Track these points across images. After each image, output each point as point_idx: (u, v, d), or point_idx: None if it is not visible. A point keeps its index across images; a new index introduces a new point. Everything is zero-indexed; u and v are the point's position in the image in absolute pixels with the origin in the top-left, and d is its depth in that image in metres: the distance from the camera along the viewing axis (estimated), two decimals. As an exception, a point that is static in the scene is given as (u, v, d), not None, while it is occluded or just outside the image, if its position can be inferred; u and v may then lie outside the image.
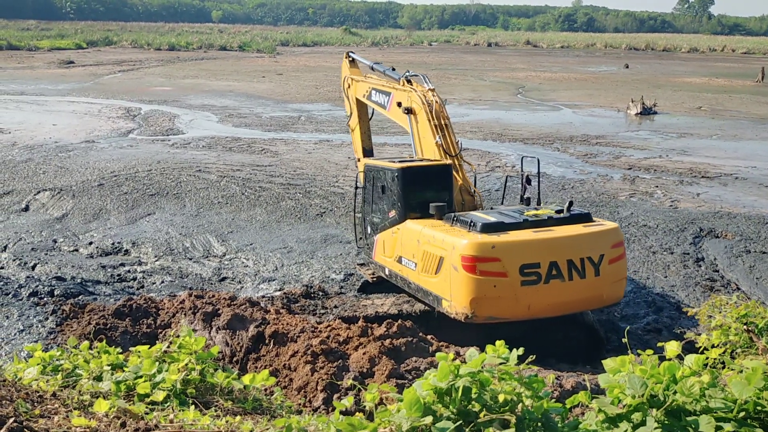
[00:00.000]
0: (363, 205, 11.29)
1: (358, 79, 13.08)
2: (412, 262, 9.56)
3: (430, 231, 9.18)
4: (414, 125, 11.09)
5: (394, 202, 10.21)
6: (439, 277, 8.91)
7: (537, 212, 9.37)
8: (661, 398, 3.16)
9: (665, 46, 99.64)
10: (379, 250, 10.68)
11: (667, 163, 22.41)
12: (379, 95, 12.15)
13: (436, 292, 9.02)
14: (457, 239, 8.62)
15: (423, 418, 3.02)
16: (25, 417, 3.18)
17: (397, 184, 10.05)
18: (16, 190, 17.93)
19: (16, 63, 57.83)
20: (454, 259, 8.53)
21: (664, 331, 10.47)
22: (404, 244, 9.80)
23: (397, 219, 10.12)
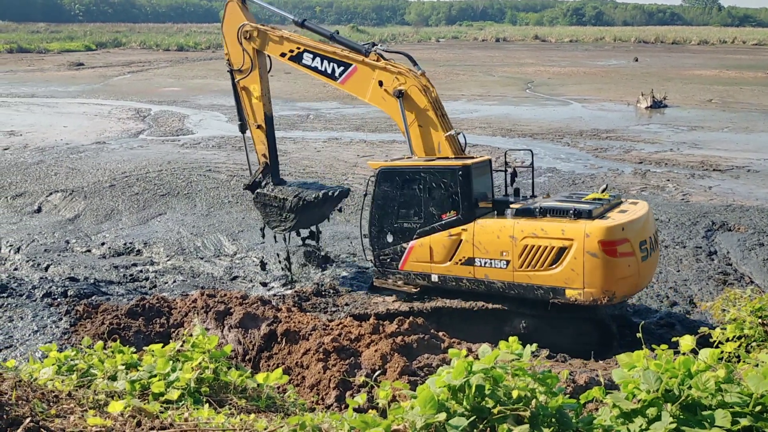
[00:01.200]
0: (376, 214, 10.33)
1: (277, 34, 11.46)
2: (500, 261, 9.32)
3: (533, 224, 9.13)
4: (408, 112, 10.29)
5: (453, 202, 9.66)
6: (559, 267, 8.93)
7: (595, 196, 9.85)
8: (676, 393, 3.14)
9: (675, 38, 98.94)
10: (417, 257, 9.99)
11: (678, 157, 22.27)
12: (324, 62, 10.93)
13: (554, 284, 9.00)
14: (587, 226, 8.78)
15: (437, 414, 3.02)
16: (42, 417, 3.20)
17: (462, 182, 9.58)
18: (28, 192, 18.06)
19: (26, 65, 58.20)
20: (590, 246, 8.71)
21: (678, 325, 10.43)
22: (483, 243, 9.41)
23: (462, 219, 9.61)
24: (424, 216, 9.92)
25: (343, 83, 10.85)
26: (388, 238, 10.26)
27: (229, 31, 11.93)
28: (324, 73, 11.04)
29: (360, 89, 10.79)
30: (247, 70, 11.75)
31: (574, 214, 8.99)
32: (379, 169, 10.29)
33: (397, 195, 10.12)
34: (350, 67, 10.73)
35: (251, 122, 12.11)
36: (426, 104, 10.26)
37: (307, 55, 11.09)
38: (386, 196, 10.19)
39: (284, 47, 11.35)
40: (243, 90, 11.94)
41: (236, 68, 11.86)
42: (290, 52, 11.29)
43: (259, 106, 11.89)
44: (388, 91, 10.43)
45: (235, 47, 11.83)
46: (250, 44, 11.68)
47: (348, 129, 27.73)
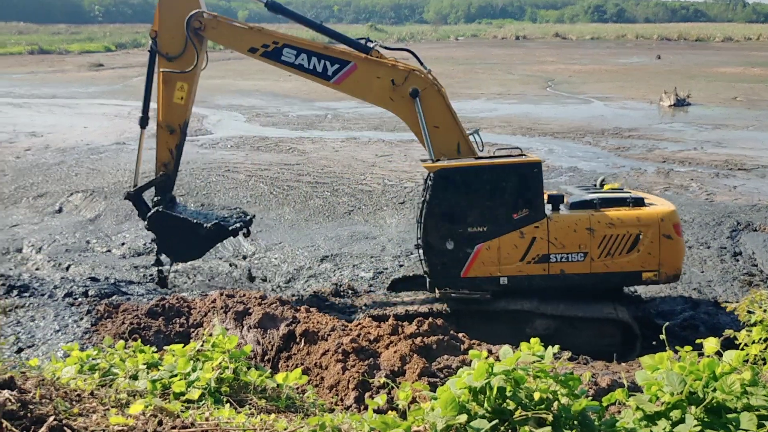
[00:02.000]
0: (436, 220, 9.55)
1: (249, 26, 9.99)
2: (578, 254, 9.46)
3: (607, 214, 9.58)
4: (422, 112, 9.60)
5: (527, 200, 9.45)
6: (636, 253, 9.48)
7: (610, 186, 10.61)
8: (701, 395, 3.10)
9: (698, 35, 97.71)
10: (484, 261, 9.56)
11: (702, 156, 22.00)
12: (312, 59, 9.54)
13: (631, 269, 9.51)
14: (660, 211, 9.62)
15: (457, 416, 3.00)
16: (65, 415, 3.23)
17: (537, 177, 9.41)
18: (49, 192, 18.28)
19: (47, 67, 58.96)
20: (666, 229, 9.47)
21: (702, 327, 10.29)
22: (560, 238, 9.43)
23: (535, 216, 9.43)
24: (491, 217, 9.47)
25: (339, 83, 9.61)
26: (449, 245, 9.55)
27: (171, 10, 9.79)
28: (312, 72, 9.60)
29: (361, 90, 9.77)
30: (183, 62, 9.81)
31: (632, 202, 9.67)
32: (436, 171, 9.42)
33: (459, 198, 9.48)
34: (347, 65, 9.55)
35: (162, 122, 10.22)
36: (442, 104, 9.85)
37: (289, 51, 9.53)
38: (446, 199, 9.49)
39: (255, 40, 9.64)
40: (164, 82, 9.99)
41: (165, 53, 9.83)
42: (263, 47, 9.56)
43: (181, 109, 10.11)
44: (400, 92, 9.61)
45: (176, 31, 9.75)
46: (208, 34, 9.84)
47: (366, 128, 27.74)
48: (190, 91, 10.04)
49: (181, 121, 10.28)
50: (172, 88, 9.99)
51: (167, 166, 10.59)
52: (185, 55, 9.80)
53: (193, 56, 9.81)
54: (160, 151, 10.64)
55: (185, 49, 9.78)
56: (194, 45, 9.77)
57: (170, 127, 10.29)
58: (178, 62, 9.87)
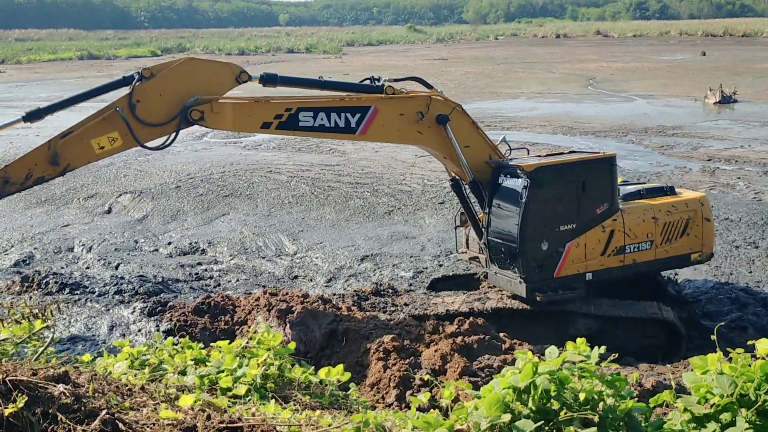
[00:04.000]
0: (533, 221, 9.13)
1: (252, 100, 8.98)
2: (646, 242, 9.79)
3: (662, 202, 10.02)
4: (453, 136, 9.21)
5: (606, 194, 9.44)
6: (686, 237, 10.00)
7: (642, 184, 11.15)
8: (752, 398, 3.04)
9: (745, 31, 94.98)
10: (573, 258, 9.37)
11: (749, 154, 21.41)
12: (332, 115, 8.78)
13: (683, 252, 10.05)
14: (698, 196, 10.37)
15: (502, 416, 3.00)
16: (116, 409, 3.32)
17: (613, 171, 9.58)
18: (99, 194, 18.78)
19: (96, 71, 60.48)
20: (706, 213, 10.16)
21: (750, 328, 10.04)
22: (632, 229, 9.69)
23: (612, 209, 9.52)
24: (580, 213, 9.33)
25: (365, 132, 8.93)
26: (543, 246, 9.22)
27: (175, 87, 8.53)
28: (335, 130, 8.86)
29: (388, 133, 9.21)
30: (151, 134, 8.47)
31: (669, 190, 10.36)
32: (534, 170, 9.11)
33: (553, 196, 9.28)
34: (369, 111, 8.86)
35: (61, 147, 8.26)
36: (468, 122, 9.52)
37: (305, 115, 8.67)
38: (542, 199, 9.19)
39: (266, 114, 8.73)
40: (105, 120, 8.39)
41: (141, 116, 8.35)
42: (277, 119, 8.67)
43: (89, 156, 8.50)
44: (427, 122, 9.07)
45: (167, 106, 8.46)
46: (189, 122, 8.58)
47: (406, 129, 27.73)
48: (113, 152, 8.59)
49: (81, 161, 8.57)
50: (103, 132, 8.34)
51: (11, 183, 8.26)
52: (159, 130, 8.49)
53: (167, 136, 8.54)
54: (32, 159, 8.34)
55: (165, 126, 8.47)
56: (178, 130, 8.57)
57: (57, 161, 8.24)
58: (146, 130, 8.42)
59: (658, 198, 10.15)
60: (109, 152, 8.48)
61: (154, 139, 8.47)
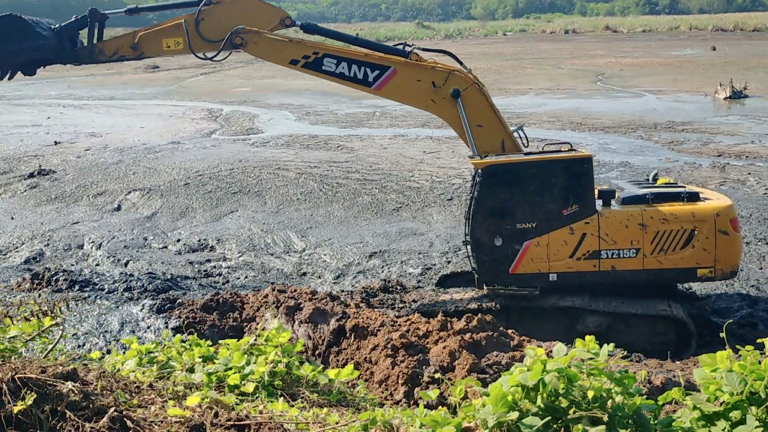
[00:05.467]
0: (484, 216, 9.54)
1: (289, 39, 10.17)
2: (630, 250, 9.32)
3: (664, 209, 9.36)
4: (464, 112, 9.61)
5: (577, 195, 9.36)
6: (690, 249, 9.31)
7: (664, 181, 10.37)
8: (763, 396, 3.01)
9: (755, 25, 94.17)
10: (533, 257, 9.51)
11: (760, 149, 21.25)
12: (353, 66, 9.68)
13: (686, 265, 9.35)
14: (716, 206, 9.40)
15: (509, 413, 2.99)
16: (125, 407, 3.34)
17: (587, 173, 9.36)
18: (108, 191, 18.86)
19: (105, 69, 60.60)
20: (722, 225, 9.25)
21: (760, 325, 9.97)
22: (611, 234, 9.32)
23: (583, 212, 9.35)
24: (540, 213, 9.40)
25: (380, 89, 9.74)
26: (497, 242, 9.51)
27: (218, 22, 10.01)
28: (353, 80, 9.73)
29: (402, 94, 9.88)
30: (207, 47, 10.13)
31: (687, 197, 9.44)
32: (485, 168, 9.42)
33: (507, 194, 9.47)
34: (388, 70, 9.64)
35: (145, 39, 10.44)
36: (484, 102, 9.78)
37: (329, 61, 9.68)
38: (494, 196, 9.48)
39: (296, 52, 9.82)
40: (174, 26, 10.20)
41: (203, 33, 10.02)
42: (304, 59, 9.76)
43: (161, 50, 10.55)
44: (441, 93, 9.62)
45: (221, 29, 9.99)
46: (253, 49, 10.10)
47: (414, 126, 27.72)
48: (175, 53, 10.39)
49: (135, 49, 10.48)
50: (172, 36, 10.14)
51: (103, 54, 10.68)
52: (211, 46, 10.05)
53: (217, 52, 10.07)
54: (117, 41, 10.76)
55: (215, 44, 10.02)
56: (221, 50, 10.02)
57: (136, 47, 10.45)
58: (201, 43, 10.03)
59: (662, 204, 9.38)
60: (173, 52, 10.43)
61: (205, 51, 10.12)
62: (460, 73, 9.70)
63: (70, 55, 10.66)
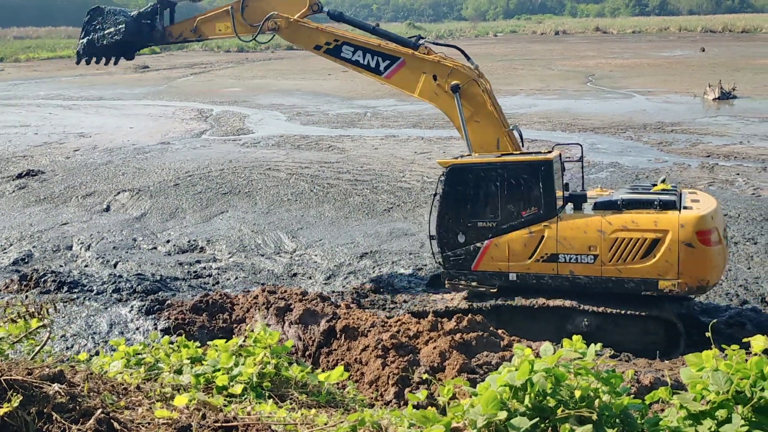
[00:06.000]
0: (448, 213, 9.92)
1: (315, 26, 11.06)
2: (588, 256, 9.21)
3: (625, 216, 9.09)
4: (465, 107, 10.03)
5: (535, 198, 9.43)
6: (652, 259, 8.92)
7: (661, 187, 9.70)
8: (748, 395, 3.03)
9: (744, 27, 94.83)
10: (493, 256, 9.72)
11: (748, 150, 21.40)
12: (367, 55, 10.44)
13: (647, 276, 8.99)
14: (682, 217, 8.84)
15: (497, 413, 2.99)
16: (112, 408, 3.32)
17: (546, 177, 9.37)
18: (97, 192, 18.76)
19: (94, 69, 60.17)
20: (686, 237, 8.76)
21: (748, 324, 10.03)
22: (568, 239, 9.28)
23: (542, 215, 9.41)
24: (501, 214, 9.59)
25: (389, 78, 10.40)
26: (460, 239, 9.86)
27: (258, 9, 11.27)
28: (366, 68, 10.48)
29: (408, 84, 10.38)
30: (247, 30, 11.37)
31: (660, 205, 8.97)
32: (449, 167, 9.82)
33: (470, 193, 9.74)
34: (397, 61, 10.31)
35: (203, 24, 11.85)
36: (483, 99, 10.04)
37: (347, 48, 10.54)
38: (458, 195, 9.79)
39: (319, 38, 10.74)
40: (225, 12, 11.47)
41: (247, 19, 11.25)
42: (326, 45, 10.70)
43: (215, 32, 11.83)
44: (443, 87, 10.07)
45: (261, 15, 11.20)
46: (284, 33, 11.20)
47: (405, 126, 27.73)
48: (225, 36, 11.76)
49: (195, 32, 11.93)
50: (222, 21, 11.55)
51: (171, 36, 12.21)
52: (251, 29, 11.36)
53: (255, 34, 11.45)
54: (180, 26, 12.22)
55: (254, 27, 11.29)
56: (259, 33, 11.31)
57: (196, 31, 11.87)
58: (244, 27, 11.31)
59: (631, 211, 9.08)
60: (225, 35, 11.72)
61: (247, 34, 11.38)
62: (463, 68, 10.01)
63: (147, 37, 12.28)
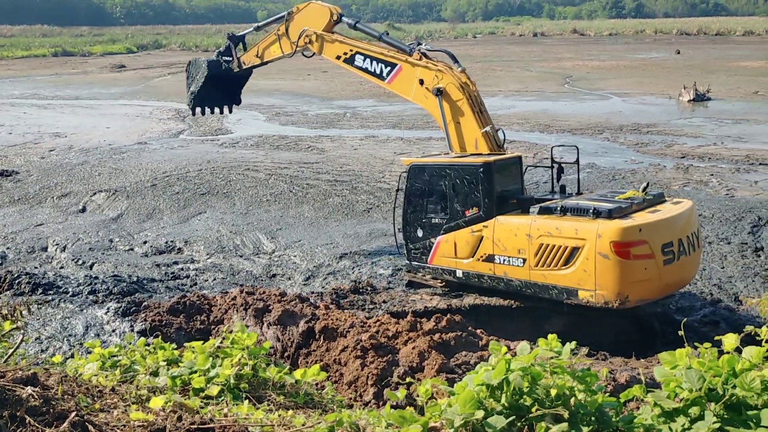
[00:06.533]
0: (408, 208, 10.53)
1: (332, 38, 12.10)
2: (517, 259, 9.23)
3: (549, 222, 8.93)
4: (447, 109, 10.51)
5: (476, 199, 9.64)
6: (572, 268, 8.73)
7: (629, 194, 9.44)
8: (720, 392, 3.07)
9: (718, 30, 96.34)
10: (443, 252, 10.08)
11: (722, 151, 21.72)
12: (373, 63, 11.42)
13: (567, 285, 8.81)
14: (600, 226, 8.47)
15: (475, 413, 3.01)
16: (86, 411, 3.28)
17: (483, 179, 9.55)
18: (73, 192, 18.53)
19: (70, 68, 59.69)
20: (601, 247, 8.42)
21: (722, 323, 10.17)
22: (502, 240, 9.37)
23: (483, 216, 9.59)
24: (449, 212, 10.02)
25: (390, 83, 11.25)
26: (419, 233, 10.42)
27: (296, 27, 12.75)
28: (374, 74, 11.50)
29: (405, 88, 11.11)
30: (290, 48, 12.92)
31: (594, 213, 8.69)
32: (410, 165, 10.49)
33: (426, 191, 10.27)
34: (396, 67, 11.13)
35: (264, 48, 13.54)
36: (463, 101, 10.31)
37: (359, 57, 11.62)
38: (416, 191, 10.38)
39: (340, 50, 11.99)
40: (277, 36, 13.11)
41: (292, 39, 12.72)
42: (344, 55, 11.88)
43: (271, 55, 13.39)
44: (429, 89, 10.63)
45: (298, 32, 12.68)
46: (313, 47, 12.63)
47: (385, 127, 27.75)
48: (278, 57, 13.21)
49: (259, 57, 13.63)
50: (276, 44, 13.12)
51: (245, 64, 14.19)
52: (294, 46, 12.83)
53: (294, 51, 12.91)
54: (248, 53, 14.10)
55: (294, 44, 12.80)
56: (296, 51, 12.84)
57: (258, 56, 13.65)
58: (288, 44, 12.92)
59: (563, 218, 8.93)
60: (279, 56, 13.17)
61: (293, 52, 12.81)
62: (447, 72, 10.46)
63: (228, 70, 14.17)
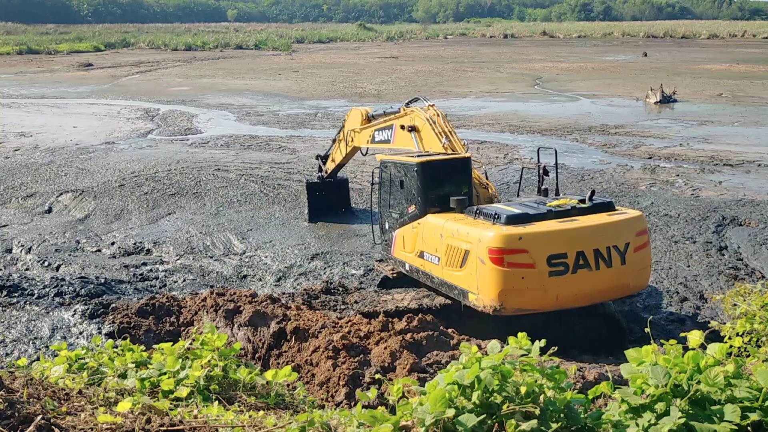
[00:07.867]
0: (380, 201, 11.21)
1: (361, 128, 13.70)
2: (435, 257, 9.51)
3: (454, 224, 9.17)
4: (419, 141, 11.48)
5: (413, 197, 10.11)
6: (464, 270, 8.89)
7: (559, 202, 9.33)
8: (685, 388, 3.13)
9: (684, 33, 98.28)
10: (398, 246, 10.60)
11: (688, 152, 22.15)
12: (382, 133, 12.90)
13: (462, 286, 9.00)
14: (482, 231, 8.65)
15: (446, 411, 3.02)
16: (53, 414, 3.23)
17: (417, 178, 9.96)
18: (38, 193, 18.18)
19: (36, 67, 58.53)
20: (480, 252, 8.54)
21: (688, 320, 10.38)
22: (426, 238, 9.73)
23: (418, 214, 10.04)
24: (401, 207, 10.55)
25: (394, 143, 12.42)
26: (386, 225, 11.06)
27: (346, 130, 14.47)
28: (385, 141, 12.87)
29: (401, 142, 12.14)
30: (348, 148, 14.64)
31: (494, 217, 8.79)
32: (380, 161, 11.25)
33: (388, 186, 10.84)
34: (392, 129, 12.44)
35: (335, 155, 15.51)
36: (431, 133, 11.09)
37: (377, 134, 13.15)
38: (383, 186, 11.03)
39: (367, 134, 13.55)
40: (338, 140, 15.08)
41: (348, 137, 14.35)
42: (370, 137, 13.47)
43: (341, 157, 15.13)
44: (406, 130, 11.77)
45: (341, 146, 14.83)
46: (352, 143, 14.22)
47: (356, 127, 27.73)
48: (343, 155, 14.91)
49: (333, 162, 15.57)
50: (338, 148, 15.09)
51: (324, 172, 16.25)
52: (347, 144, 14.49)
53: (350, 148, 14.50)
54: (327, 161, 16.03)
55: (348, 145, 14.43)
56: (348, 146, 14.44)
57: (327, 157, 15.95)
58: (347, 147, 14.50)
59: (470, 220, 9.12)
60: (342, 157, 15.07)
61: (346, 149, 14.63)
62: (418, 114, 11.50)
63: (321, 178, 16.23)
